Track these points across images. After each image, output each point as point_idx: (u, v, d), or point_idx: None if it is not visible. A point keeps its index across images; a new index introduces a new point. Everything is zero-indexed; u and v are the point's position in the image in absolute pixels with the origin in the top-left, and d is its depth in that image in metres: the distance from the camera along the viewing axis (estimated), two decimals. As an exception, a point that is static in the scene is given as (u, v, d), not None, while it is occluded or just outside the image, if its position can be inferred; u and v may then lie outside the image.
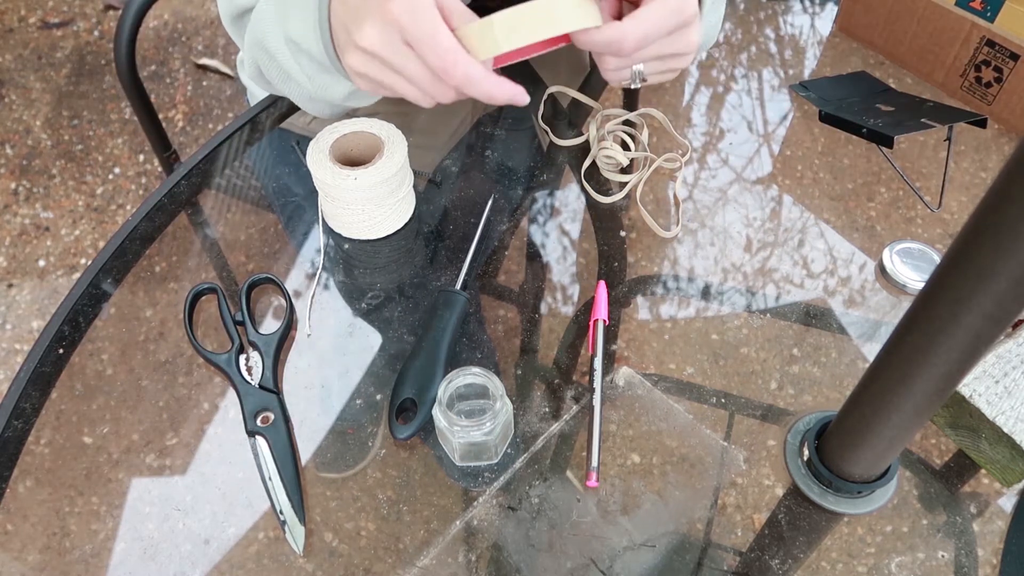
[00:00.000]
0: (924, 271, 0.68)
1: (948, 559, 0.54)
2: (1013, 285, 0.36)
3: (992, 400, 0.56)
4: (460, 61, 0.47)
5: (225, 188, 0.76)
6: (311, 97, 0.66)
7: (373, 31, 0.49)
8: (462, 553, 0.54)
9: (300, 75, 0.62)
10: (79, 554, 0.54)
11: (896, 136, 0.74)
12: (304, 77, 0.62)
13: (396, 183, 0.67)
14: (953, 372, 0.43)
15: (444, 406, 0.53)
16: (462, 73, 0.48)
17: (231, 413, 0.61)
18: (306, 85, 0.63)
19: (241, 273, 0.70)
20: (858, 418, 0.50)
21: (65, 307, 0.66)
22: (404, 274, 0.70)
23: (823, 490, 0.56)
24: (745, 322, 0.66)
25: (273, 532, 0.55)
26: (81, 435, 0.60)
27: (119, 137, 2.00)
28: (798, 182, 0.78)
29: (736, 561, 0.53)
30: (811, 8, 0.98)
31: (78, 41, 2.25)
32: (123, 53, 0.88)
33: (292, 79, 0.64)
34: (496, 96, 0.49)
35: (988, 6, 0.78)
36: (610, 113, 0.81)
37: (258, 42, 0.64)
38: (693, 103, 0.86)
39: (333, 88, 0.62)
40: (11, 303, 1.68)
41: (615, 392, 0.62)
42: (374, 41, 0.49)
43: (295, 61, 0.61)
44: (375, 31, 0.49)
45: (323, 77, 0.61)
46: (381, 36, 0.49)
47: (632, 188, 0.76)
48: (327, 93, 0.63)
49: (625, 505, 0.56)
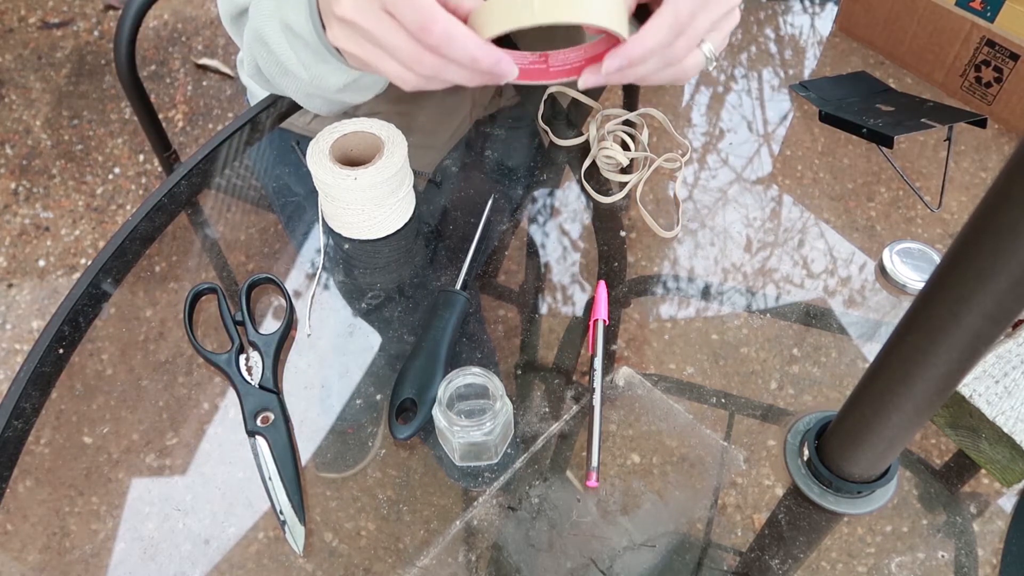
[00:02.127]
0: (924, 271, 0.68)
1: (948, 559, 0.54)
2: (1013, 285, 0.36)
3: (992, 400, 0.56)
4: (439, 18, 0.46)
5: (225, 188, 0.76)
6: (308, 93, 0.66)
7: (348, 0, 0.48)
8: (462, 553, 0.54)
9: (297, 66, 0.62)
10: (79, 554, 0.54)
11: (896, 136, 0.74)
12: (300, 67, 0.62)
13: (396, 183, 0.67)
14: (953, 372, 0.43)
15: (444, 406, 0.53)
16: (442, 30, 0.45)
17: (231, 413, 0.61)
18: (303, 76, 0.62)
19: (241, 273, 0.70)
20: (858, 418, 0.50)
21: (65, 307, 0.66)
22: (404, 274, 0.70)
23: (823, 490, 0.56)
24: (745, 322, 0.66)
25: (273, 532, 0.55)
26: (81, 435, 0.60)
27: (119, 137, 2.00)
28: (798, 182, 0.78)
29: (736, 561, 0.53)
30: (811, 8, 0.98)
31: (78, 41, 2.25)
32: (123, 53, 0.88)
33: (289, 72, 0.63)
34: (480, 60, 0.47)
35: (988, 6, 0.78)
36: (610, 113, 0.82)
37: (256, 34, 0.63)
38: (693, 103, 0.86)
39: (329, 78, 0.62)
40: (11, 303, 1.68)
41: (615, 392, 0.62)
42: (349, 9, 0.48)
43: (292, 50, 0.61)
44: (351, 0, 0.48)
45: (319, 66, 0.61)
46: (357, 3, 0.48)
47: (632, 188, 0.76)
48: (323, 83, 0.63)
49: (625, 505, 0.56)
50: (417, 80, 0.51)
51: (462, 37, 0.46)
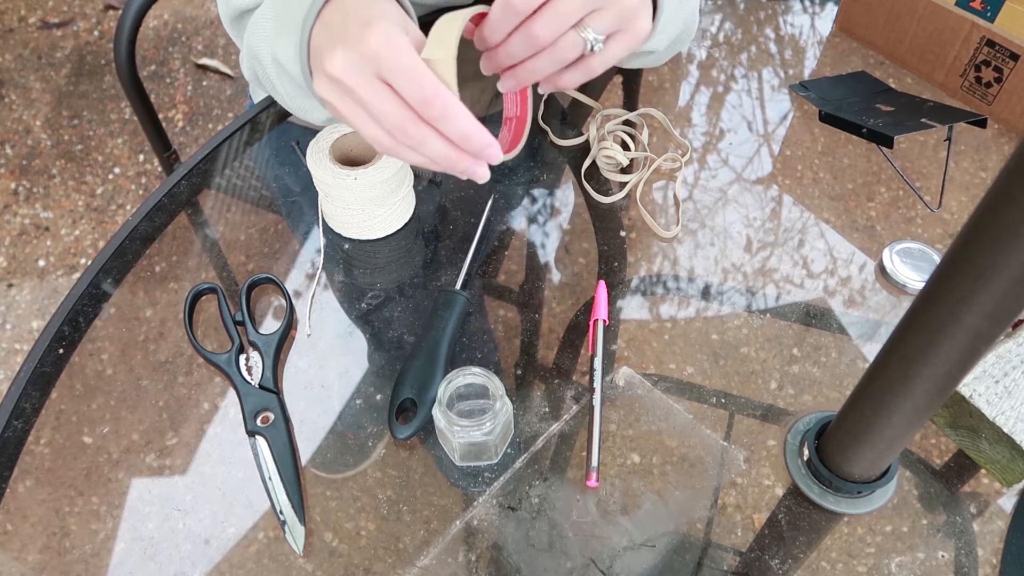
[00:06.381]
0: (924, 271, 0.68)
1: (948, 559, 0.54)
2: (1013, 285, 0.36)
3: (992, 400, 0.56)
4: (441, 92, 0.46)
5: (225, 188, 0.76)
6: (301, 107, 0.66)
7: (343, 59, 0.48)
8: (462, 553, 0.54)
9: (284, 95, 0.62)
10: (79, 554, 0.54)
11: (896, 136, 0.74)
12: (287, 97, 0.62)
13: (396, 183, 0.67)
14: (953, 372, 0.43)
15: (444, 406, 0.53)
16: (443, 104, 0.46)
17: (231, 413, 0.61)
18: (289, 105, 0.63)
19: (241, 273, 0.70)
20: (858, 418, 0.50)
21: (65, 307, 0.66)
22: (404, 274, 0.70)
23: (823, 490, 0.56)
24: (745, 322, 0.66)
25: (273, 532, 0.55)
26: (81, 435, 0.60)
27: (119, 137, 2.00)
28: (798, 182, 0.78)
29: (736, 561, 0.53)
30: (811, 8, 0.98)
31: (78, 41, 2.25)
32: (123, 53, 0.88)
33: (279, 94, 0.64)
34: (472, 137, 0.47)
35: (988, 6, 0.78)
36: (610, 113, 0.82)
37: (251, 50, 0.64)
38: (693, 103, 0.86)
39: (312, 113, 0.62)
40: (11, 303, 1.68)
41: (615, 392, 0.62)
42: (342, 68, 0.48)
43: (279, 81, 0.61)
44: (345, 59, 0.48)
45: (303, 101, 0.61)
46: (351, 64, 0.48)
47: (632, 188, 0.76)
48: (307, 116, 0.63)
49: (625, 505, 0.56)
50: (391, 147, 0.50)
51: (461, 114, 0.47)
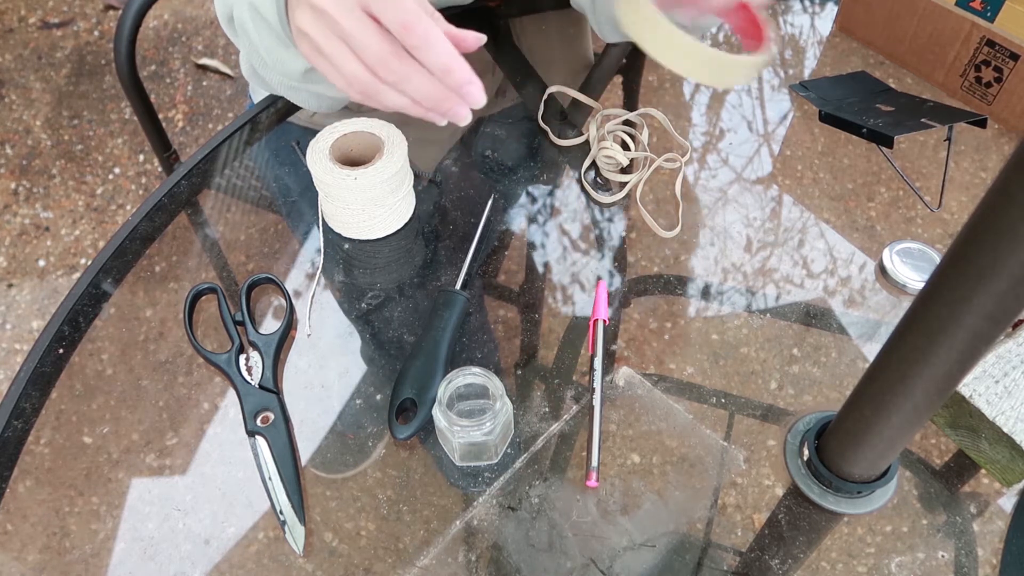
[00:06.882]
0: (924, 271, 0.68)
1: (948, 559, 0.54)
2: (1013, 285, 0.36)
3: (992, 400, 0.56)
4: (423, 19, 0.46)
5: (225, 188, 0.76)
6: (290, 86, 0.65)
7: None
8: (462, 553, 0.54)
9: (260, 47, 0.62)
10: (79, 554, 0.54)
11: (896, 136, 0.74)
12: (264, 51, 0.61)
13: (396, 183, 0.67)
14: (953, 372, 0.43)
15: (444, 406, 0.53)
16: (424, 30, 0.46)
17: (231, 413, 0.61)
18: (267, 60, 0.62)
19: (241, 273, 0.70)
20: (858, 418, 0.50)
21: (65, 307, 0.66)
22: (404, 274, 0.70)
23: (823, 490, 0.56)
24: (745, 322, 0.66)
25: (273, 532, 0.55)
26: (81, 435, 0.60)
27: (119, 137, 2.00)
28: (798, 182, 0.78)
29: (736, 561, 0.53)
30: (811, 8, 0.98)
31: (78, 41, 2.25)
32: (123, 53, 0.88)
33: (255, 49, 0.63)
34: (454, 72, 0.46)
35: (988, 6, 0.78)
36: (610, 113, 0.81)
37: (232, 17, 0.63)
38: (693, 103, 0.86)
39: (289, 63, 0.61)
40: (11, 303, 1.68)
41: (615, 392, 0.62)
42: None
43: (255, 30, 0.60)
44: None
45: (279, 51, 0.60)
46: None
47: (632, 188, 0.76)
48: (284, 68, 0.62)
49: (625, 505, 0.56)
50: (369, 85, 0.49)
51: (442, 43, 0.46)
